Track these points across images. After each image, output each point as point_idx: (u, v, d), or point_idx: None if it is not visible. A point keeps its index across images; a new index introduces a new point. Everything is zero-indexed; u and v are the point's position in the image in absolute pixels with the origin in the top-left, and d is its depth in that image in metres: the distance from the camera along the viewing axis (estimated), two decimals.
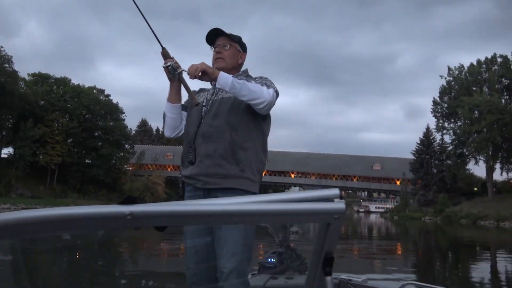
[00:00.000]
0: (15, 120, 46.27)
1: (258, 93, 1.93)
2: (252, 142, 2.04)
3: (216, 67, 2.08)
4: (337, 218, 0.75)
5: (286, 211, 0.73)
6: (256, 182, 2.04)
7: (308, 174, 66.04)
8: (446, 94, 51.87)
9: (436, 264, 11.20)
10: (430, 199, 50.29)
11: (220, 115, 2.03)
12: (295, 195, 0.81)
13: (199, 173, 1.98)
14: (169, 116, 2.16)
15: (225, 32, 2.18)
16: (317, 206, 0.75)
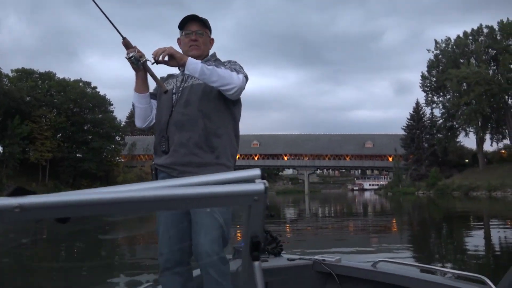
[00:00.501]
0: (1, 118, 45.59)
1: (228, 79, 1.92)
2: (225, 128, 2.05)
3: (191, 55, 2.03)
4: (257, 200, 0.70)
5: (198, 195, 0.68)
6: (231, 168, 2.05)
7: (301, 155, 66.25)
8: (434, 68, 52.02)
9: (430, 237, 11.30)
10: (423, 173, 50.82)
11: (191, 103, 2.01)
12: (213, 178, 0.77)
13: (174, 163, 1.98)
14: (138, 107, 2.13)
15: (200, 18, 2.13)
16: (233, 188, 0.70)
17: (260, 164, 68.79)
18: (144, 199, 0.67)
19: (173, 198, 0.67)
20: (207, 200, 0.70)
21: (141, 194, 0.67)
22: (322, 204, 32.77)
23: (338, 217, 20.02)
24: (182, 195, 0.67)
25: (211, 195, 0.68)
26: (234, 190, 0.70)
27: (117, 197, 0.67)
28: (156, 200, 0.67)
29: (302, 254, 2.96)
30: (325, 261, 2.56)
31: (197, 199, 0.69)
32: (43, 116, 49.32)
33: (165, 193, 0.68)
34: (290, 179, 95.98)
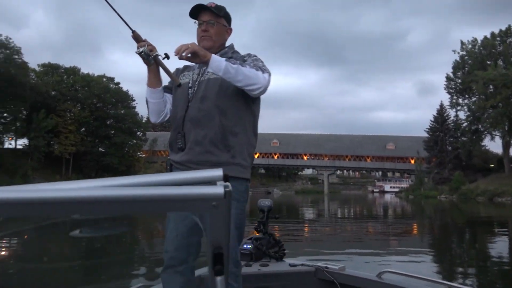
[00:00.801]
0: (28, 112, 46.74)
1: (254, 79, 1.85)
2: (243, 125, 1.98)
3: (202, 46, 1.95)
4: (216, 206, 0.58)
5: (141, 197, 0.56)
6: (248, 167, 2.00)
7: (321, 155, 65.77)
8: (459, 69, 50.81)
9: (450, 244, 11.01)
10: (445, 177, 49.77)
11: (208, 98, 1.94)
12: (168, 177, 0.65)
13: (189, 161, 1.93)
14: (151, 102, 2.08)
15: (209, 7, 2.03)
16: (182, 191, 0.58)
17: (280, 163, 68.69)
18: (70, 200, 0.54)
19: (105, 200, 0.55)
20: (147, 204, 0.57)
21: (68, 195, 0.55)
22: (341, 205, 32.43)
23: (356, 219, 19.76)
24: (115, 196, 0.55)
25: (153, 199, 0.56)
26: (184, 193, 0.57)
27: (36, 197, 0.53)
28: (83, 201, 0.55)
29: (307, 258, 2.90)
30: (328, 268, 2.48)
31: (132, 203, 0.56)
32: (68, 110, 50.32)
33: (93, 194, 0.55)
34: (310, 179, 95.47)
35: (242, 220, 1.94)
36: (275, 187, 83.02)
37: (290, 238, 10.83)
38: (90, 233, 9.51)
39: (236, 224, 1.88)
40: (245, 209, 1.97)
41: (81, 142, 49.98)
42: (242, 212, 1.93)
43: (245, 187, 1.97)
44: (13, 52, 43.10)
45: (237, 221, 1.90)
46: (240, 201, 1.92)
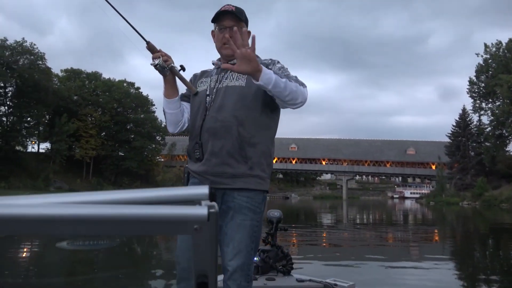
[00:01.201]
0: (50, 116, 47.78)
1: (299, 94, 1.82)
2: (261, 136, 1.93)
3: (225, 54, 1.95)
4: (198, 230, 0.51)
5: (103, 217, 0.49)
6: (266, 179, 1.96)
7: (340, 160, 65.19)
8: (483, 73, 49.71)
9: (475, 251, 10.66)
10: (468, 183, 48.63)
11: (225, 108, 1.89)
12: (145, 194, 0.57)
13: (206, 172, 1.91)
14: (168, 112, 2.06)
15: (231, 11, 1.95)
16: (159, 212, 0.50)
17: (298, 168, 68.34)
18: (23, 218, 0.48)
19: (72, 219, 0.48)
20: (111, 226, 0.50)
21: (20, 212, 0.48)
22: (360, 211, 31.97)
23: (375, 225, 19.40)
24: (83, 216, 0.49)
25: (119, 219, 0.49)
26: (158, 214, 0.50)
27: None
28: (37, 220, 0.48)
29: (316, 269, 2.79)
30: (337, 286, 2.39)
31: (92, 223, 0.49)
32: (89, 115, 51.28)
33: (48, 212, 0.48)
34: (328, 184, 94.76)
35: (258, 232, 1.91)
36: (293, 192, 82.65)
37: (303, 244, 10.66)
38: (79, 245, 8.42)
39: (251, 237, 1.86)
40: (261, 221, 1.94)
41: (101, 146, 50.82)
42: (258, 224, 1.90)
43: (262, 198, 1.93)
44: (37, 58, 44.23)
45: (253, 234, 1.87)
46: (256, 213, 1.89)
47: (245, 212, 1.85)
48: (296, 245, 10.15)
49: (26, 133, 46.66)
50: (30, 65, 43.51)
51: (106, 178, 52.04)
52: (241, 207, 1.86)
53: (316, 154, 66.06)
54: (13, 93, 44.68)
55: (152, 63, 1.87)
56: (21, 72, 42.35)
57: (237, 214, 1.85)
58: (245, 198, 1.86)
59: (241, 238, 1.82)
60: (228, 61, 1.95)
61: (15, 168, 42.29)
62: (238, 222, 1.83)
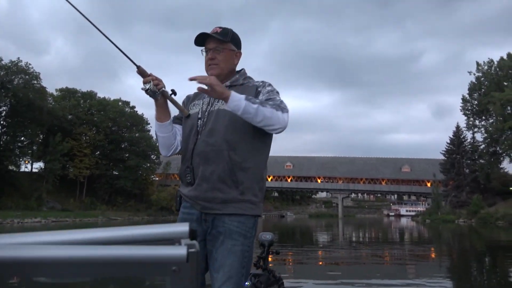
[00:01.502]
0: (44, 135, 47.56)
1: (274, 120, 1.78)
2: (253, 160, 1.90)
3: (210, 75, 1.94)
4: (177, 272, 0.47)
5: (71, 259, 0.45)
6: (258, 203, 1.93)
7: (335, 178, 65.10)
8: (475, 90, 50.28)
9: (472, 269, 10.53)
10: (463, 200, 48.60)
11: (216, 132, 1.88)
12: (124, 232, 0.53)
13: (197, 197, 1.89)
14: (160, 136, 2.04)
15: (214, 34, 1.97)
16: (132, 253, 0.47)
17: (294, 186, 68.12)
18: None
19: (33, 261, 0.44)
20: (86, 268, 0.46)
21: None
22: (356, 230, 31.76)
23: (371, 245, 19.22)
24: (48, 258, 0.45)
25: (88, 261, 0.45)
26: (132, 255, 0.46)
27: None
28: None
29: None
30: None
31: (71, 266, 0.45)
32: (83, 134, 51.07)
33: (23, 255, 0.44)
34: (324, 202, 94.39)
35: (249, 258, 1.88)
36: (289, 210, 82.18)
37: (297, 265, 10.50)
38: (59, 278, 7.78)
39: (242, 262, 1.83)
40: (252, 246, 1.91)
41: (95, 165, 50.47)
42: (249, 249, 1.87)
43: (253, 223, 1.90)
44: (32, 77, 44.25)
45: (244, 259, 1.84)
46: (247, 237, 1.86)
47: (235, 237, 1.83)
48: (291, 265, 9.99)
49: (20, 153, 46.31)
50: (25, 85, 43.47)
51: (99, 198, 51.53)
52: (232, 232, 1.83)
53: (312, 172, 65.97)
54: (7, 113, 44.50)
55: (143, 88, 1.85)
56: (15, 92, 42.27)
57: (227, 239, 1.82)
58: (235, 223, 1.84)
59: (232, 263, 1.79)
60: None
61: (8, 188, 41.79)
62: (228, 247, 1.81)
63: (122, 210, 50.60)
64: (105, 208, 48.95)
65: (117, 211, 49.63)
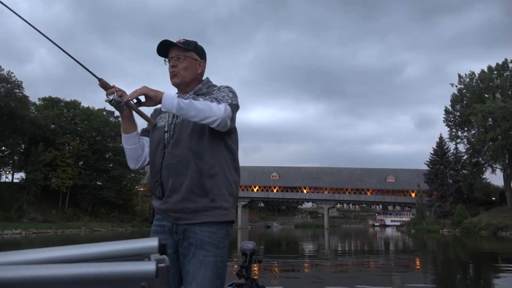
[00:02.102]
0: (26, 145, 46.65)
1: (207, 112, 1.75)
2: (220, 166, 1.90)
3: (173, 83, 1.98)
4: (146, 287, 0.46)
5: (44, 279, 0.44)
6: (230, 209, 1.92)
7: (321, 189, 65.21)
8: (458, 102, 51.16)
9: (456, 279, 10.54)
10: (447, 210, 49.12)
11: (181, 142, 1.89)
12: (92, 249, 0.52)
13: (169, 209, 1.89)
14: (127, 148, 2.03)
15: (175, 43, 1.98)
16: (99, 270, 0.46)
17: (279, 197, 68.01)
18: None
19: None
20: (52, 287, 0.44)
21: None
22: (342, 240, 31.73)
23: (357, 254, 19.18)
24: (12, 278, 0.43)
25: (62, 280, 0.44)
26: (98, 272, 0.45)
27: None
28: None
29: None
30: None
31: (37, 286, 0.44)
32: (66, 144, 50.25)
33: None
34: (309, 213, 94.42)
35: (223, 268, 1.86)
36: (275, 221, 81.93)
37: (282, 275, 10.37)
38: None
39: (216, 274, 1.81)
40: (226, 256, 1.89)
41: (78, 175, 49.61)
42: (223, 260, 1.86)
43: (225, 232, 1.89)
44: (14, 86, 43.49)
45: (218, 270, 1.82)
46: (220, 248, 1.84)
47: (207, 248, 1.81)
48: (276, 275, 9.86)
49: (0, 163, 45.29)
50: (7, 94, 42.68)
51: (82, 209, 50.59)
52: (203, 243, 1.81)
53: (297, 182, 65.99)
54: None
55: (107, 99, 1.81)
56: None
57: (199, 250, 1.80)
58: (207, 233, 1.83)
59: (204, 275, 1.77)
60: (180, 90, 2.01)
61: None
62: (200, 258, 1.79)
63: (105, 221, 49.73)
64: (88, 219, 48.02)
65: (100, 222, 48.75)
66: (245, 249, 2.79)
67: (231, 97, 1.87)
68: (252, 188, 66.01)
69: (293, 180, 66.13)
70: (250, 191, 65.92)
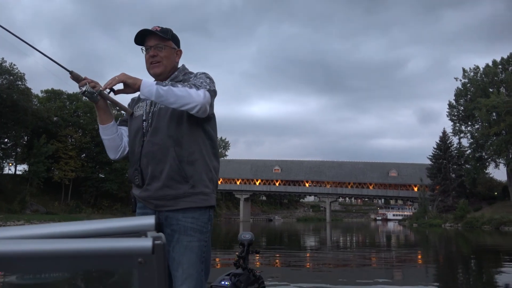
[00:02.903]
0: (29, 137, 46.70)
1: (186, 98, 1.76)
2: (199, 152, 1.92)
3: (153, 73, 1.98)
4: (143, 264, 0.47)
5: (43, 253, 0.44)
6: (211, 194, 1.93)
7: (323, 182, 65.13)
8: (462, 96, 50.82)
9: (459, 273, 10.46)
10: (450, 204, 48.98)
11: (160, 130, 1.90)
12: (90, 226, 0.53)
13: (149, 197, 1.91)
14: (104, 139, 2.04)
15: (155, 31, 1.98)
16: (96, 245, 0.46)
17: (282, 190, 68.04)
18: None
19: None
20: (52, 262, 0.45)
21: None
22: (343, 234, 31.72)
23: (358, 248, 19.13)
24: (11, 252, 0.44)
25: (61, 255, 0.45)
26: (95, 247, 0.46)
27: None
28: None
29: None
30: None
31: (35, 260, 0.44)
32: (69, 136, 50.29)
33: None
34: (311, 206, 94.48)
35: (207, 252, 1.89)
36: (276, 214, 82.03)
37: (282, 266, 10.33)
38: (30, 279, 7.64)
39: (201, 258, 1.84)
40: (209, 240, 1.91)
41: (81, 168, 49.69)
42: (207, 244, 1.89)
43: (207, 217, 1.90)
44: (17, 78, 43.43)
45: (202, 254, 1.85)
46: (203, 232, 1.87)
47: (190, 233, 1.83)
48: (275, 267, 9.81)
49: (3, 155, 45.36)
50: (9, 86, 42.62)
51: (85, 201, 50.76)
52: (186, 229, 1.83)
53: (300, 176, 65.93)
54: None
55: (80, 92, 1.82)
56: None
57: (182, 236, 1.82)
58: (189, 219, 1.84)
59: (190, 260, 1.80)
60: (159, 80, 1.96)
61: None
62: (184, 244, 1.81)
63: (108, 213, 49.89)
64: (90, 211, 48.18)
65: (102, 214, 48.90)
66: (243, 240, 2.82)
67: (209, 83, 1.86)
68: (254, 182, 66.03)
69: (295, 174, 66.06)
70: (252, 185, 65.96)
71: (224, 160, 74.41)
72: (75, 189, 50.03)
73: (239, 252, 2.79)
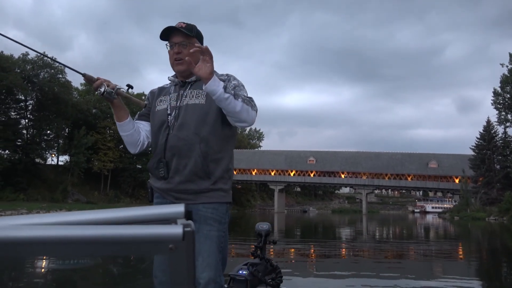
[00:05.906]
0: (69, 129, 48.34)
1: (244, 115, 1.83)
2: (224, 152, 1.98)
3: (177, 70, 2.02)
4: (173, 250, 0.49)
5: (81, 239, 0.47)
6: (229, 191, 2.00)
7: (359, 173, 63.86)
8: (508, 83, 48.15)
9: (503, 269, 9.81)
10: (494, 197, 46.84)
11: (187, 126, 1.94)
12: (122, 213, 0.55)
13: (170, 189, 1.96)
14: (123, 135, 2.09)
15: (180, 28, 1.99)
16: (130, 232, 0.49)
17: (316, 181, 67.32)
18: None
19: (39, 241, 0.46)
20: (89, 247, 0.48)
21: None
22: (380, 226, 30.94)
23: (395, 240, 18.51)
24: (52, 237, 0.47)
25: (97, 240, 0.47)
26: (130, 234, 0.48)
27: None
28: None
29: (305, 284, 2.52)
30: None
31: (73, 245, 0.47)
32: (107, 128, 51.67)
33: (28, 235, 0.46)
34: (347, 198, 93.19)
35: (224, 243, 1.94)
36: (311, 205, 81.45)
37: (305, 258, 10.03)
38: (58, 265, 7.62)
39: (219, 247, 1.89)
40: (227, 231, 1.96)
41: (119, 158, 51.00)
42: (225, 235, 1.94)
43: (225, 209, 1.96)
44: (58, 71, 44.93)
45: (220, 244, 1.90)
46: (222, 223, 1.92)
47: (210, 223, 1.87)
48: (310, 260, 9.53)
49: (46, 146, 47.19)
50: (51, 79, 44.20)
51: (123, 191, 52.15)
52: (206, 218, 1.87)
53: (335, 167, 64.91)
54: (33, 106, 45.37)
55: (98, 92, 1.86)
56: (41, 86, 43.00)
57: (202, 226, 1.86)
58: (210, 210, 1.89)
59: (209, 249, 1.84)
60: (182, 77, 2.02)
61: (34, 180, 42.65)
62: (204, 233, 1.85)
63: (145, 203, 50.60)
64: (128, 201, 49.51)
65: (140, 204, 50.10)
66: (260, 230, 2.81)
67: (253, 101, 1.90)
68: (289, 173, 65.62)
69: (330, 165, 65.10)
70: (287, 176, 65.58)
71: (259, 151, 74.28)
72: (114, 179, 51.47)
73: (256, 242, 2.79)
